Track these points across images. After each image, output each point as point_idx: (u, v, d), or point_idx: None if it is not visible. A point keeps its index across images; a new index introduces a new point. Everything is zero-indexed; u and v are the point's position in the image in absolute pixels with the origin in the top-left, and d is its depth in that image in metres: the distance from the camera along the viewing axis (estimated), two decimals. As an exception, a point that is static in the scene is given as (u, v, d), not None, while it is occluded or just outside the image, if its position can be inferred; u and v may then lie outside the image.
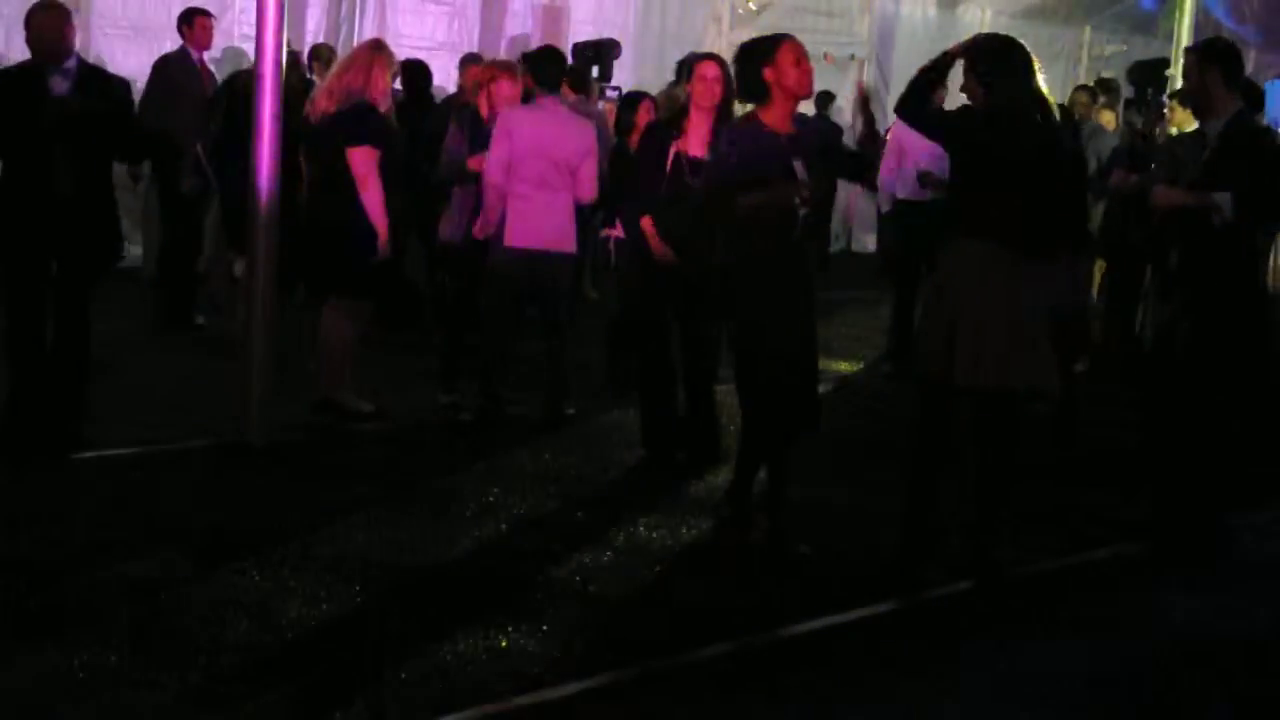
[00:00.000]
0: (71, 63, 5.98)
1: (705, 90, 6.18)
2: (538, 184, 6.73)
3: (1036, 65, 5.07)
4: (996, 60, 5.08)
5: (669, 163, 6.18)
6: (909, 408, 5.40)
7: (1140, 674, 4.56)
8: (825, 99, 12.94)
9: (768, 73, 5.24)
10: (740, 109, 5.83)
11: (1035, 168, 4.97)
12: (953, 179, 5.26)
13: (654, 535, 5.51)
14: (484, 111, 7.02)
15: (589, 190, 6.89)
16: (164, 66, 8.90)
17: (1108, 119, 10.22)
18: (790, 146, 5.27)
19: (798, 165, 5.24)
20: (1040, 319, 5.12)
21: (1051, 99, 5.16)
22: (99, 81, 6.12)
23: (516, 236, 6.74)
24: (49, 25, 5.95)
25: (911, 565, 5.19)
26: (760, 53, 5.30)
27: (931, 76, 5.11)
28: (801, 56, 5.30)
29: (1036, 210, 4.99)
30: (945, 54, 5.18)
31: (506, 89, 7.02)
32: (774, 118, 5.28)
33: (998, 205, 4.96)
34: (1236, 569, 5.64)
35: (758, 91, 5.29)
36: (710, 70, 6.23)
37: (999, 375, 5.00)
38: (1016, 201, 4.95)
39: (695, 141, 6.19)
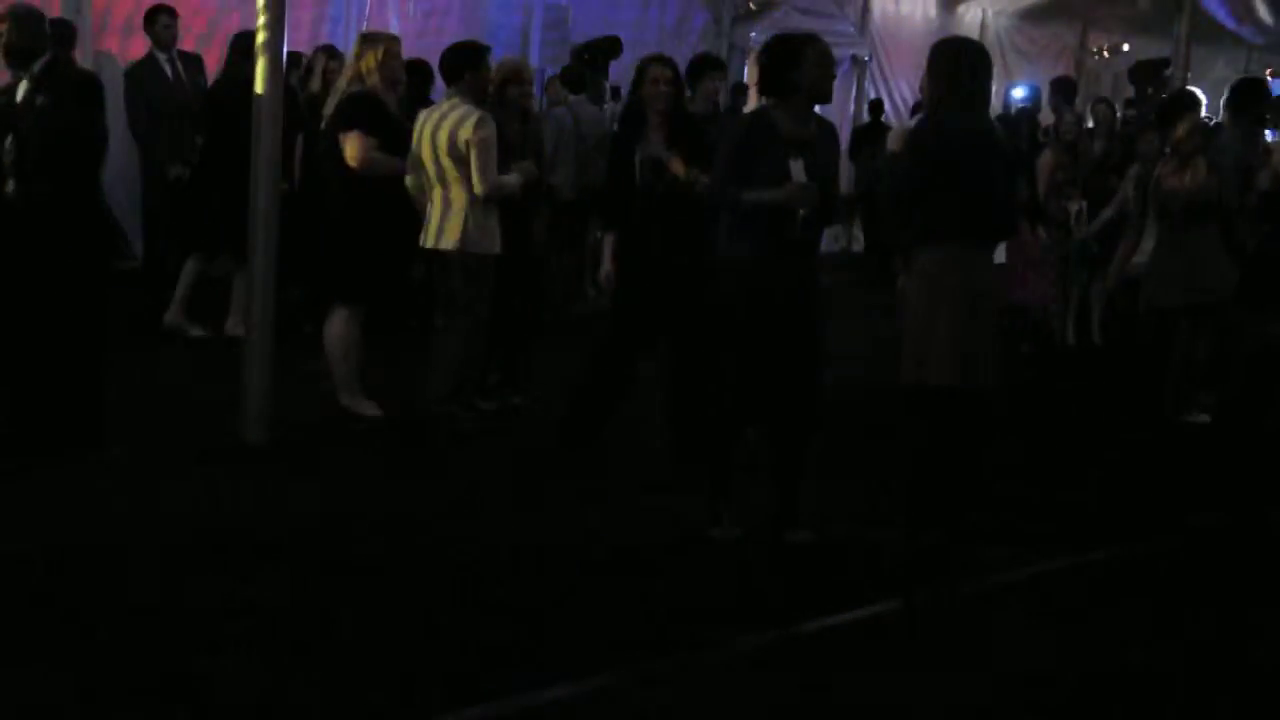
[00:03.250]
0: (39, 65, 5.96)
1: (656, 94, 6.28)
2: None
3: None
4: (946, 63, 5.15)
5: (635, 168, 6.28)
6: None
7: (1141, 676, 4.55)
8: None
9: (790, 71, 5.24)
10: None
11: (981, 167, 5.08)
12: (916, 189, 5.26)
13: (653, 534, 5.50)
14: None
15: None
16: (130, 76, 9.04)
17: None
18: (794, 146, 5.28)
19: (795, 165, 5.24)
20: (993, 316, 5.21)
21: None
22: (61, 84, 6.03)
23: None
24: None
25: (913, 565, 5.19)
26: (786, 50, 5.29)
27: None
28: (827, 60, 5.32)
29: (986, 208, 5.10)
30: None
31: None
32: (785, 116, 5.30)
33: (957, 208, 5.01)
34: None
35: (776, 88, 5.31)
36: (660, 74, 6.29)
37: (973, 374, 5.10)
38: (973, 203, 5.01)
39: (655, 145, 6.27)
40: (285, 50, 6.41)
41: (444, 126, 6.59)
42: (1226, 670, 4.63)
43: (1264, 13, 16.84)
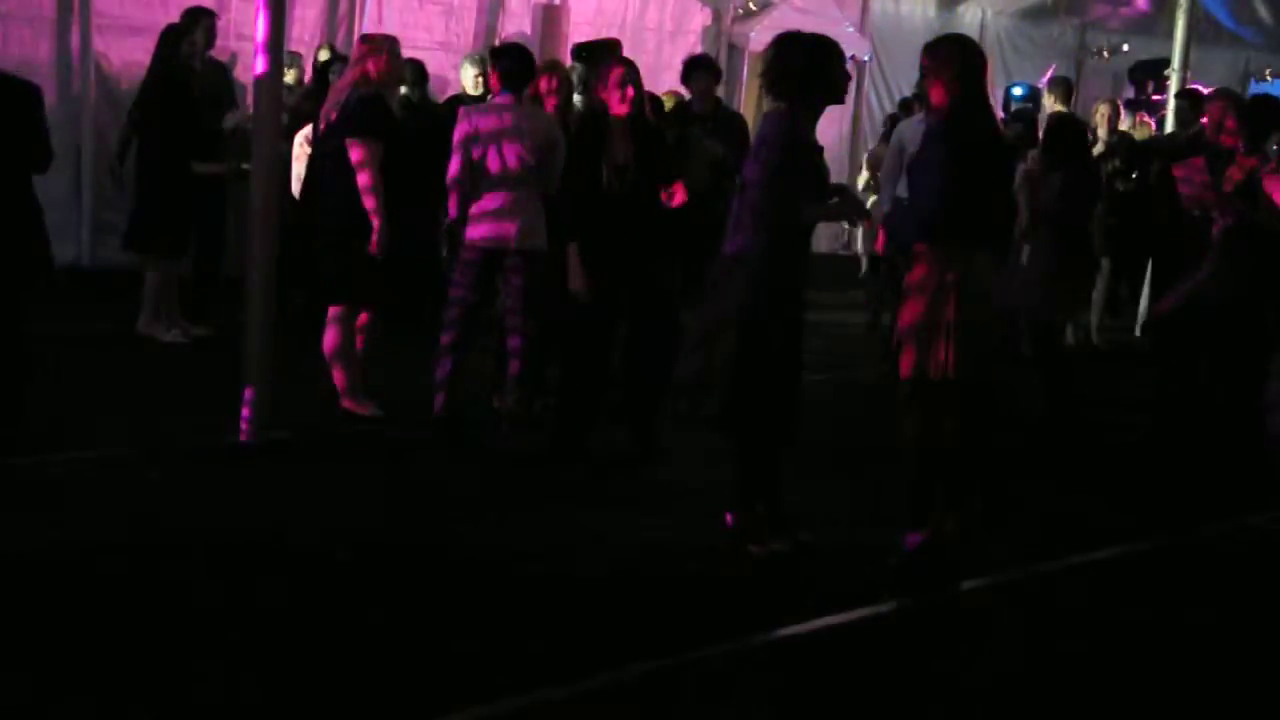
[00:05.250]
0: None
1: (620, 99, 6.23)
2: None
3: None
4: (958, 59, 5.11)
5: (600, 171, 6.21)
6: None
7: (1142, 676, 4.55)
8: None
9: (817, 73, 5.15)
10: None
11: (996, 165, 5.07)
12: (932, 186, 5.21)
13: (653, 534, 5.50)
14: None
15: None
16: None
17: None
18: (818, 152, 5.27)
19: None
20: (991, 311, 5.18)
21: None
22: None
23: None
24: None
25: (913, 564, 5.19)
26: (810, 51, 5.19)
27: None
28: (844, 61, 5.30)
29: (996, 207, 5.08)
30: None
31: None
32: (806, 120, 5.21)
33: (973, 205, 5.00)
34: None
35: (792, 90, 5.17)
36: (623, 77, 6.25)
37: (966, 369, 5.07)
38: (991, 199, 5.00)
39: (619, 149, 6.20)
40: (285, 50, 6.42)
41: (524, 128, 6.65)
42: (1227, 670, 4.62)
43: (1264, 13, 16.83)
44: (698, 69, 8.66)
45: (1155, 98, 13.01)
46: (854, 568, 5.24)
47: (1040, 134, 9.75)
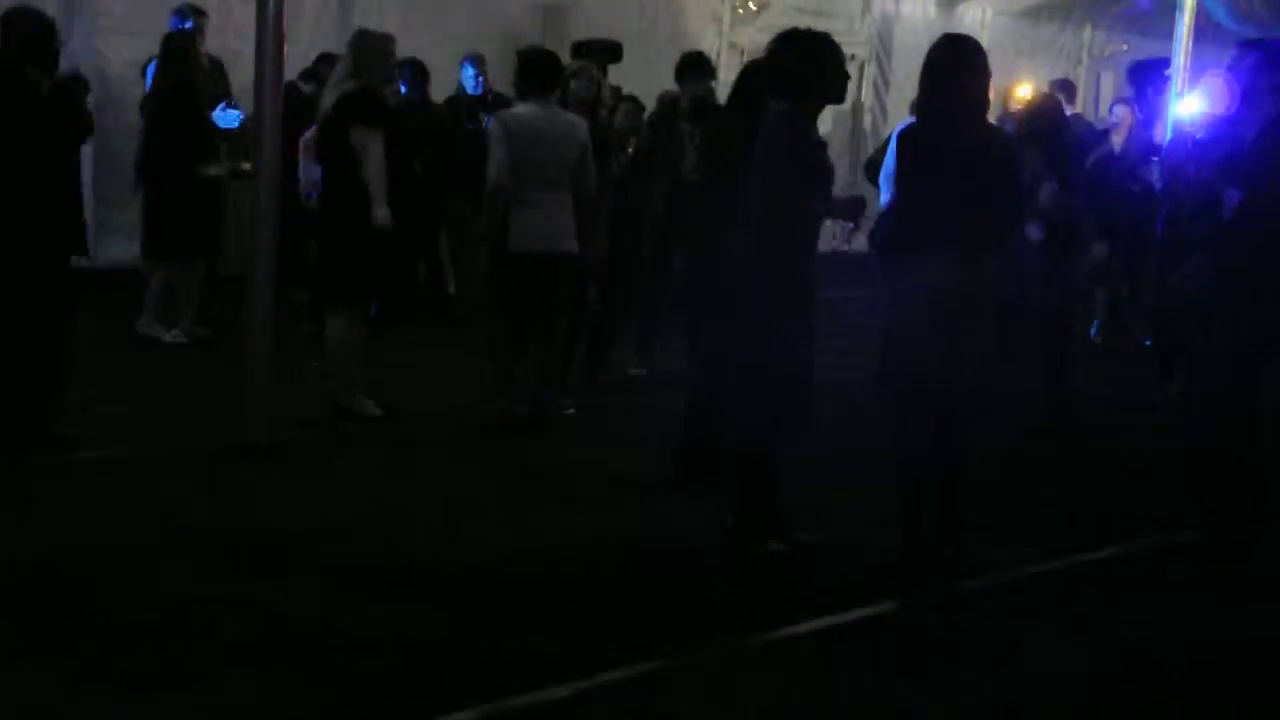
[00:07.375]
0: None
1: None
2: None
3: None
4: (926, 66, 5.08)
5: None
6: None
7: (1142, 676, 4.55)
8: None
9: (821, 73, 5.12)
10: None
11: (973, 168, 4.97)
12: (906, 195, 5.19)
13: (654, 534, 5.50)
14: None
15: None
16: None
17: None
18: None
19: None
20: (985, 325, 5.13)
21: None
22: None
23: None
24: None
25: (911, 566, 5.18)
26: (803, 47, 5.18)
27: None
28: (844, 62, 5.31)
29: (972, 216, 4.98)
30: None
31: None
32: (807, 118, 5.20)
33: (949, 214, 4.96)
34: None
35: (792, 89, 5.15)
36: None
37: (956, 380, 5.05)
38: (958, 210, 4.95)
39: None
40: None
41: (561, 131, 6.74)
42: (1228, 669, 4.62)
43: (1264, 13, 16.85)
44: (690, 70, 8.39)
45: (1155, 98, 12.98)
46: (854, 568, 5.24)
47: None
